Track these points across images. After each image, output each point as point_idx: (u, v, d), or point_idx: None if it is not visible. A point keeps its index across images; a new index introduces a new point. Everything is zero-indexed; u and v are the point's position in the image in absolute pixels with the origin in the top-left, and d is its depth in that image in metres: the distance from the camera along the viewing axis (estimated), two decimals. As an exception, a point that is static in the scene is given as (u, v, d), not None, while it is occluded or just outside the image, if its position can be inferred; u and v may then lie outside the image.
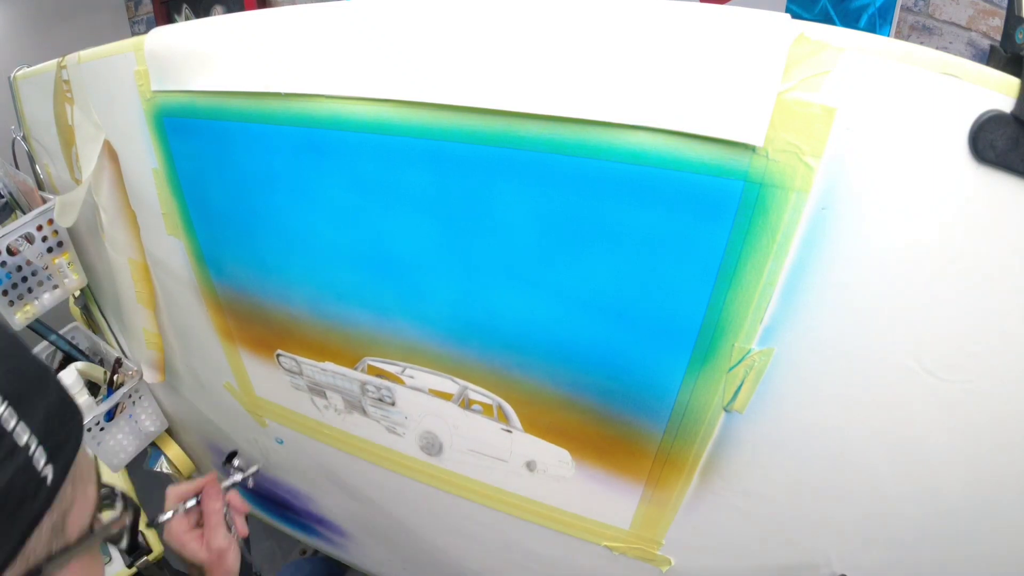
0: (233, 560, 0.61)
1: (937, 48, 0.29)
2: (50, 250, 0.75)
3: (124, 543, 0.47)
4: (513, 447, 0.52)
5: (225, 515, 0.62)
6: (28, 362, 0.33)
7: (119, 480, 0.99)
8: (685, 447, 0.44)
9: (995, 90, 0.28)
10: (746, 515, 0.46)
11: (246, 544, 0.63)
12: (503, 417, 0.51)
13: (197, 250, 0.58)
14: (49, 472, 0.32)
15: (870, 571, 0.45)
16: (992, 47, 0.32)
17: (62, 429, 0.34)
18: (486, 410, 0.51)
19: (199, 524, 0.61)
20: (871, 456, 0.39)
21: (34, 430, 0.31)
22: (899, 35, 1.05)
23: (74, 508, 0.35)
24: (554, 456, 0.51)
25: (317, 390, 0.61)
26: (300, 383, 0.62)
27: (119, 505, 0.45)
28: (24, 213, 0.77)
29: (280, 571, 0.92)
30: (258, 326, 0.60)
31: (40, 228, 0.72)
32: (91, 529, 0.37)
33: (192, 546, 0.60)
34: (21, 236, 0.71)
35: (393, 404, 0.56)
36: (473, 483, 0.58)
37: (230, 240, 0.55)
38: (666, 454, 0.45)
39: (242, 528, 0.63)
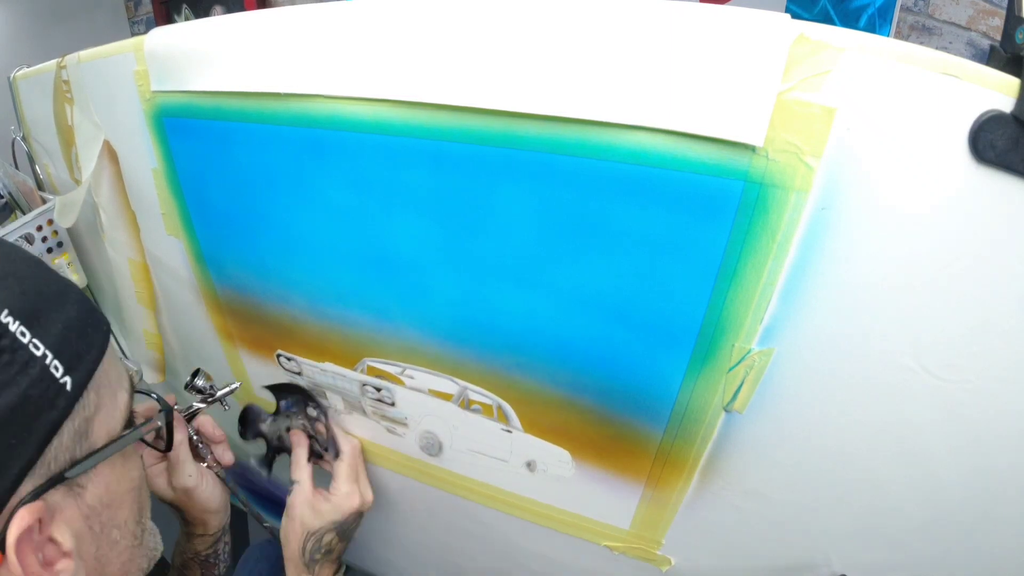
0: (208, 496, 0.56)
1: (937, 48, 0.30)
2: (50, 250, 0.75)
3: (163, 446, 0.48)
4: (513, 447, 0.52)
5: (198, 445, 0.56)
6: (47, 282, 0.34)
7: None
8: (685, 447, 0.44)
9: (995, 90, 0.28)
10: (746, 515, 0.46)
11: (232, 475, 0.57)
12: (503, 417, 0.51)
13: (197, 250, 0.58)
14: (68, 380, 0.33)
15: (870, 571, 0.45)
16: (992, 47, 0.32)
17: (81, 340, 0.34)
18: (486, 410, 0.51)
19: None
20: (871, 456, 0.39)
21: (49, 344, 0.32)
22: (899, 35, 1.05)
23: (99, 414, 0.35)
24: (554, 456, 0.51)
25: (317, 390, 0.61)
26: (300, 382, 0.62)
27: (156, 411, 0.45)
28: (24, 213, 0.77)
29: (246, 553, 0.86)
30: (258, 326, 0.60)
31: (40, 228, 0.73)
32: (120, 434, 0.37)
33: (156, 483, 0.55)
34: (21, 236, 0.72)
35: (393, 404, 0.56)
36: (473, 483, 0.58)
37: (230, 240, 0.55)
38: (666, 454, 0.45)
39: (224, 458, 0.58)
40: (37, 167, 0.80)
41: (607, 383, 0.44)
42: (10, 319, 0.30)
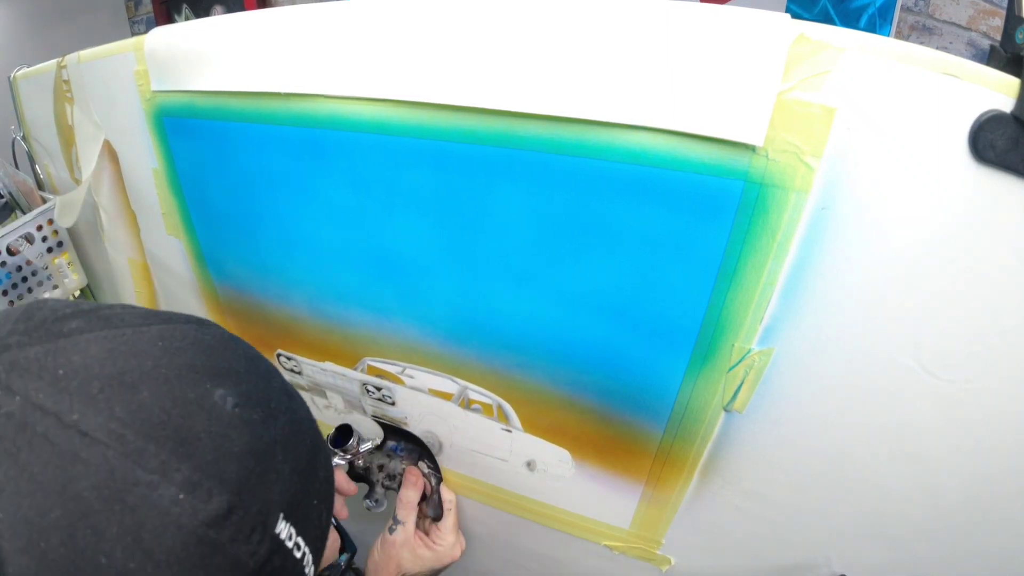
0: (330, 548, 0.53)
1: (937, 48, 0.29)
2: (50, 250, 0.75)
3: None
4: (513, 447, 0.52)
5: None
6: (307, 435, 0.26)
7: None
8: (685, 447, 0.44)
9: (995, 90, 0.28)
10: (746, 515, 0.46)
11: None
12: (503, 417, 0.51)
13: (197, 250, 0.58)
14: (312, 570, 0.26)
15: (870, 570, 0.45)
16: (992, 47, 0.32)
17: (324, 505, 0.27)
18: (486, 410, 0.51)
19: None
20: (871, 456, 0.39)
21: (309, 536, 0.24)
22: (899, 35, 1.05)
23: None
24: (554, 456, 0.51)
25: (317, 390, 0.61)
26: (300, 382, 0.62)
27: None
28: (24, 213, 0.77)
29: None
30: (258, 326, 0.60)
31: (40, 228, 0.73)
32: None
33: None
34: (21, 236, 0.71)
35: (393, 404, 0.56)
36: (473, 482, 0.58)
37: (230, 240, 0.55)
38: (666, 454, 0.45)
39: (342, 512, 0.57)
40: (37, 167, 0.80)
41: (607, 383, 0.44)
42: (283, 525, 0.22)
